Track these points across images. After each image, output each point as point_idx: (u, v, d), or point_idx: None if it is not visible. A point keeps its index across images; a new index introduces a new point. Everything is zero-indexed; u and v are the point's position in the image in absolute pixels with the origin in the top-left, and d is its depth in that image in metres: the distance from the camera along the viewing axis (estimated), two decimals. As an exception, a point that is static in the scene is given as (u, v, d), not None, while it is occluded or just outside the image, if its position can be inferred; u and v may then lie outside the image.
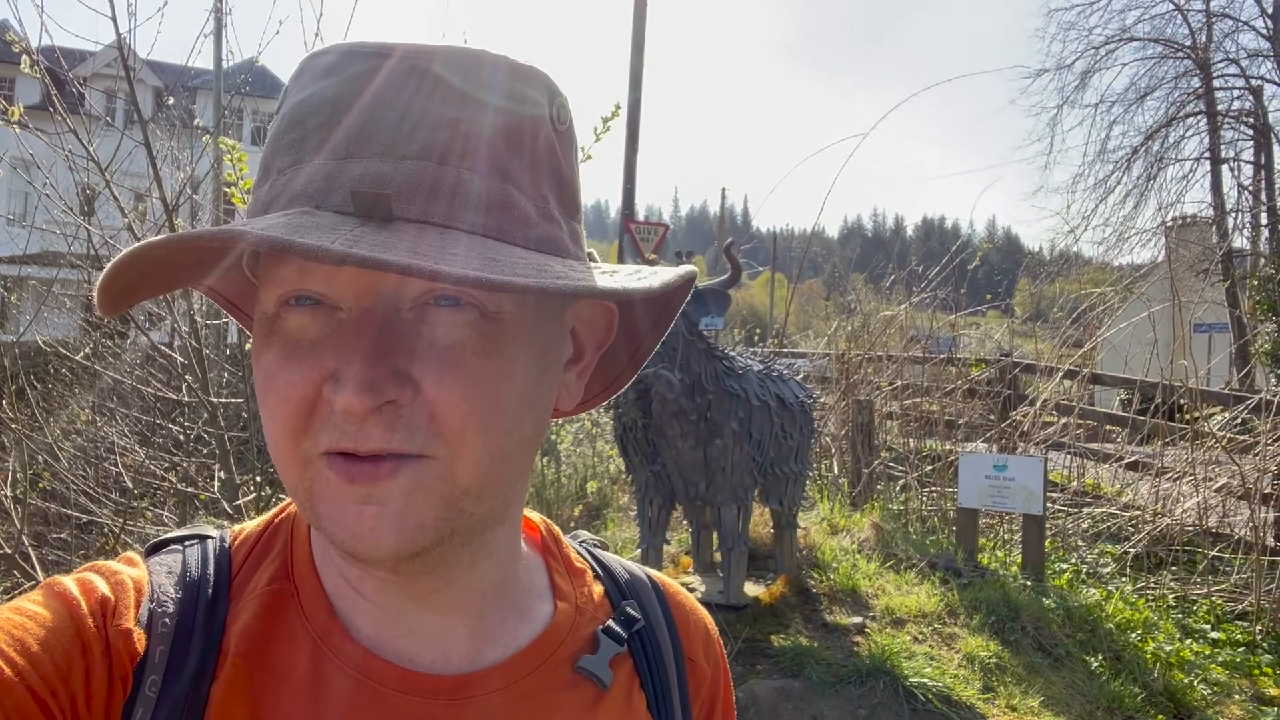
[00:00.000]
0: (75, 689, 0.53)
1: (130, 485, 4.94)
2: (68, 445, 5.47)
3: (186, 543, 0.65)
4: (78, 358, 4.93)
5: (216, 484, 4.08)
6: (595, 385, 0.74)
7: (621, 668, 0.68)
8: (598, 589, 0.73)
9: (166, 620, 0.57)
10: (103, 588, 0.58)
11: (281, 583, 0.62)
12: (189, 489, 4.47)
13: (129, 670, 0.55)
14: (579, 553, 0.77)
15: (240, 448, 3.93)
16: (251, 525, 0.68)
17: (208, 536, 0.66)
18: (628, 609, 0.72)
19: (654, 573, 0.80)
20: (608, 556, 0.79)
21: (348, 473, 0.52)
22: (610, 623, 0.70)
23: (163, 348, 4.45)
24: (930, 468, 7.16)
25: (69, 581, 0.58)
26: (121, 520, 4.40)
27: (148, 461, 5.11)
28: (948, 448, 7.37)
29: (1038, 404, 7.38)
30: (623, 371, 0.75)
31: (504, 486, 0.58)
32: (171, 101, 4.13)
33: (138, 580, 0.60)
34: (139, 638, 0.56)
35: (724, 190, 29.81)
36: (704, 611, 0.81)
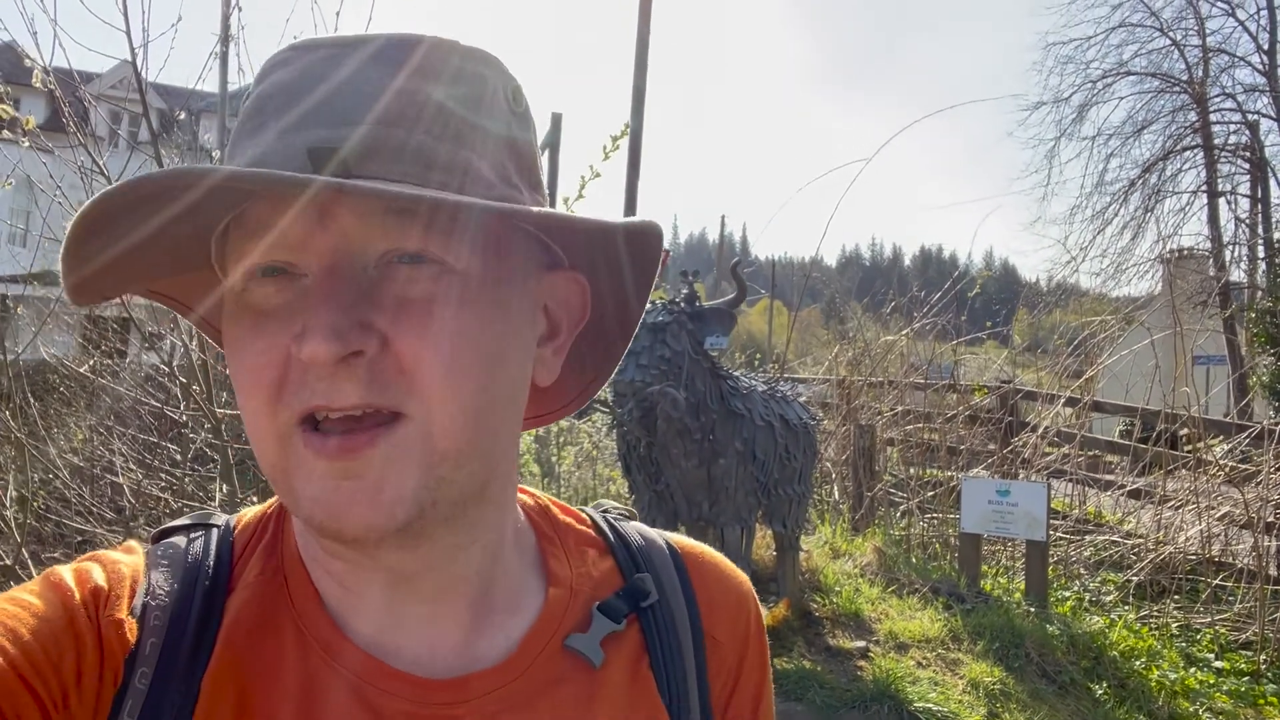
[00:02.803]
0: (66, 679, 0.52)
1: (127, 505, 4.90)
2: (65, 463, 5.43)
3: (192, 531, 0.64)
4: (82, 370, 4.91)
5: (218, 499, 4.06)
6: (590, 371, 0.74)
7: (626, 645, 0.65)
8: (605, 563, 0.70)
9: (159, 612, 0.57)
10: (98, 577, 0.58)
11: (271, 574, 0.61)
12: (186, 506, 4.44)
13: (120, 661, 0.54)
14: (597, 522, 0.74)
15: (245, 460, 3.91)
16: (252, 513, 0.67)
17: (213, 525, 0.65)
18: (639, 583, 0.68)
19: (679, 540, 0.75)
20: (628, 526, 0.75)
21: (323, 448, 0.52)
22: (612, 598, 0.67)
23: (163, 366, 4.44)
24: (931, 494, 7.13)
25: (65, 571, 0.57)
26: (119, 539, 4.36)
27: (145, 481, 5.08)
28: (948, 474, 7.35)
29: (1039, 431, 7.37)
30: (614, 345, 0.73)
31: (483, 452, 0.57)
32: (183, 116, 4.15)
33: (135, 570, 0.59)
34: (131, 628, 0.55)
35: (723, 217, 30.02)
36: (736, 580, 0.74)
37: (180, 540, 0.63)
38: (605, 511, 0.77)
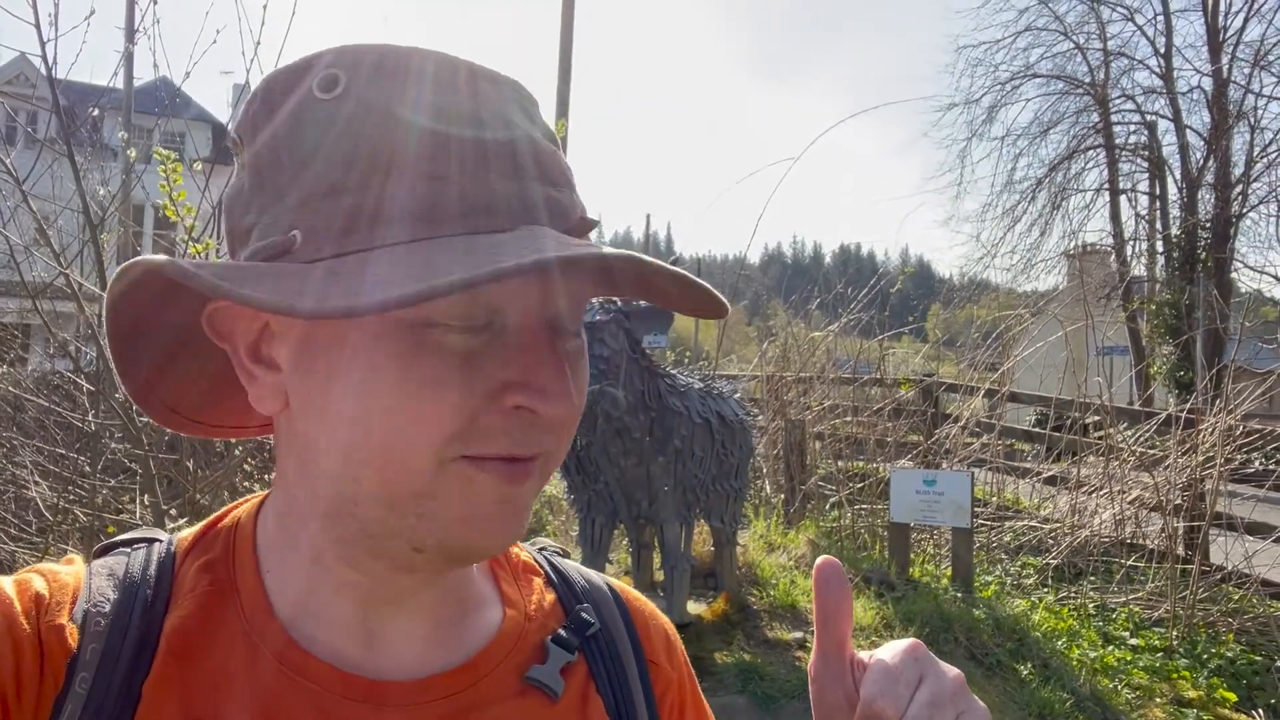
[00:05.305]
0: (5, 682, 0.53)
1: (33, 520, 4.69)
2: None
3: (135, 545, 0.65)
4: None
5: (138, 511, 3.90)
6: None
7: (575, 674, 0.68)
8: (549, 596, 0.73)
9: (100, 619, 0.57)
10: (39, 586, 0.58)
11: (221, 583, 0.62)
12: (98, 519, 4.26)
13: (61, 665, 0.55)
14: (535, 559, 0.77)
15: (169, 470, 3.76)
16: (195, 529, 0.67)
17: (156, 539, 0.65)
18: (581, 614, 0.72)
19: (613, 581, 0.80)
20: (566, 564, 0.78)
21: (509, 473, 0.56)
22: (560, 630, 0.69)
23: (68, 374, 4.26)
24: (860, 485, 7.29)
25: (5, 583, 0.58)
26: (28, 556, 4.15)
27: (53, 494, 4.85)
28: (874, 466, 7.53)
29: (961, 422, 7.60)
30: None
31: None
32: (96, 112, 3.97)
33: (76, 579, 0.60)
34: (71, 633, 0.56)
35: (648, 216, 30.21)
36: (665, 618, 0.81)
37: (123, 554, 0.64)
38: (542, 549, 0.80)
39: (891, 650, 0.58)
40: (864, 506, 7.14)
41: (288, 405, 0.58)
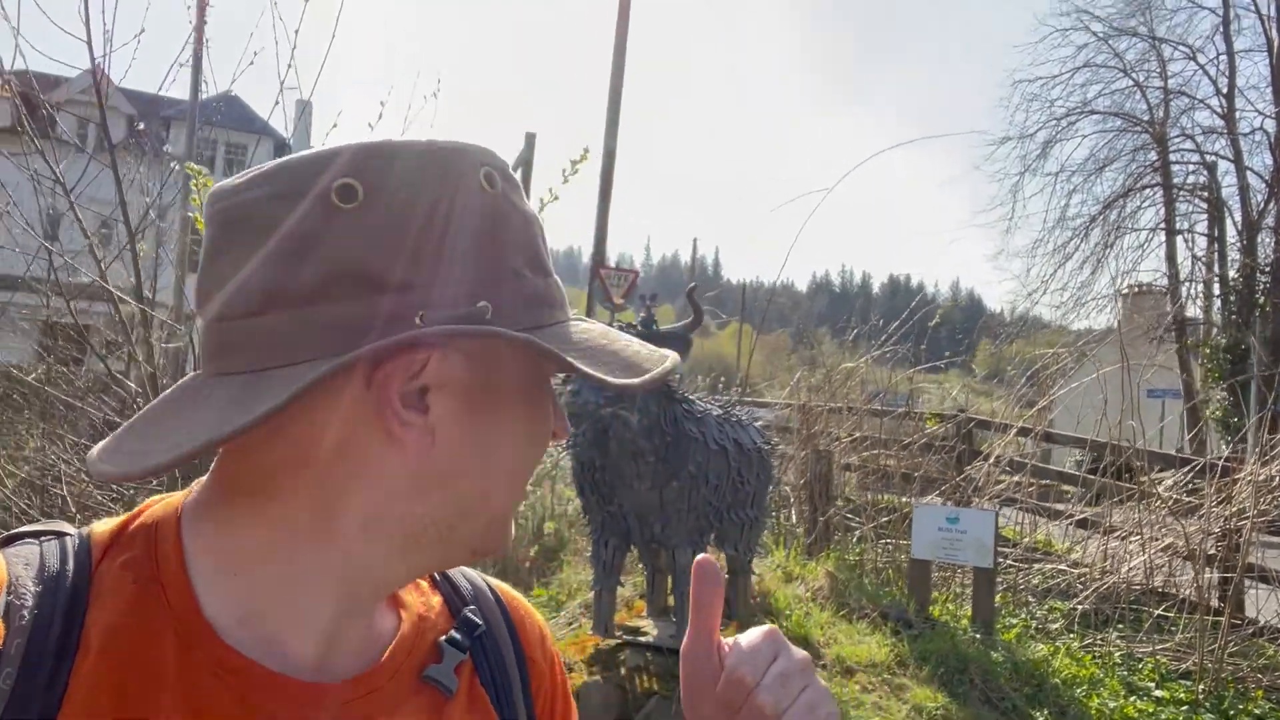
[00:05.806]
0: None
1: (76, 515, 4.85)
2: (15, 470, 5.35)
3: (43, 538, 0.64)
4: (30, 378, 4.86)
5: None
6: None
7: (463, 671, 0.73)
8: (436, 598, 0.77)
9: (24, 613, 0.57)
10: None
11: (145, 581, 0.62)
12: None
13: None
14: None
15: (191, 469, 3.88)
16: (111, 523, 0.67)
17: (65, 533, 0.65)
18: (469, 615, 0.77)
19: (493, 580, 0.85)
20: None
21: None
22: (453, 632, 0.74)
23: (118, 374, 4.42)
24: (886, 519, 7.22)
25: None
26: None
27: (93, 490, 5.02)
28: (903, 500, 7.44)
29: (991, 459, 7.49)
30: None
31: None
32: (142, 126, 4.15)
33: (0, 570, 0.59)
34: None
35: (695, 240, 30.38)
36: (539, 615, 0.88)
37: (33, 544, 0.63)
38: None
39: (751, 634, 0.70)
40: (889, 541, 7.07)
41: (433, 442, 0.63)
